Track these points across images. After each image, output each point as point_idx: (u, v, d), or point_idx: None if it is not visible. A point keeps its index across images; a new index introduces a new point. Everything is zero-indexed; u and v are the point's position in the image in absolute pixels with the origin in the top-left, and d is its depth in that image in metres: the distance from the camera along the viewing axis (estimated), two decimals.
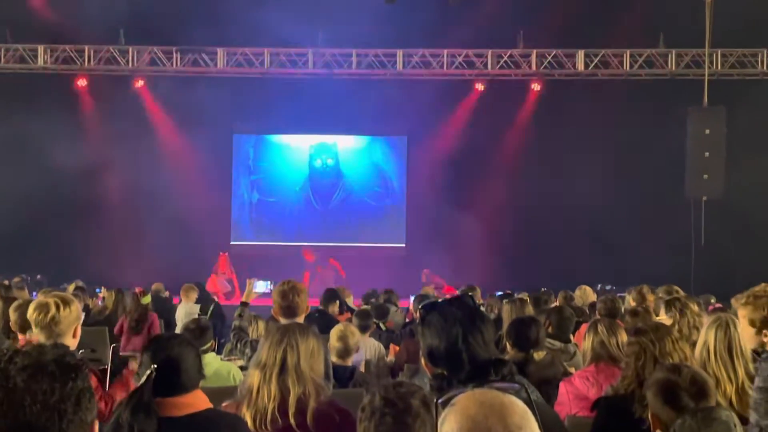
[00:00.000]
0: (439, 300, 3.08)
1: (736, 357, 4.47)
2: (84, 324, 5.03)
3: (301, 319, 5.45)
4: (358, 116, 21.15)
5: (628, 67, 19.56)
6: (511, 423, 1.86)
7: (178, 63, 19.92)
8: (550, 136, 20.05)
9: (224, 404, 3.77)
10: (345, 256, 20.87)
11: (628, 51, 19.50)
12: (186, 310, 12.34)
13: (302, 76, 20.09)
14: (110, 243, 19.96)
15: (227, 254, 20.51)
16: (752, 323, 4.50)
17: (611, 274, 18.42)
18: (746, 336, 4.53)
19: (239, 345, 6.21)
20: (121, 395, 4.25)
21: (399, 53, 19.78)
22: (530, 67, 19.79)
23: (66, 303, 4.57)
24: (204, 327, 6.70)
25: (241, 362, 6.57)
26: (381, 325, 9.54)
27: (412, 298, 10.74)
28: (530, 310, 7.54)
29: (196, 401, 3.47)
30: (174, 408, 3.40)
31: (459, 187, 20.46)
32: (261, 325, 8.60)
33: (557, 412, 4.12)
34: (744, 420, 3.78)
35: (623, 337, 5.23)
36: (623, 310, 8.20)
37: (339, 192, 22.50)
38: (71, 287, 13.07)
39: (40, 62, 19.74)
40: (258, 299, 6.79)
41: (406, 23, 18.28)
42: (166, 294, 14.51)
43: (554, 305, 8.64)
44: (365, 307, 9.94)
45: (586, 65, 19.65)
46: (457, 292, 10.24)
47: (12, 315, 5.70)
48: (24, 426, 1.84)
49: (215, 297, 19.11)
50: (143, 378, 3.25)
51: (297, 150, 22.59)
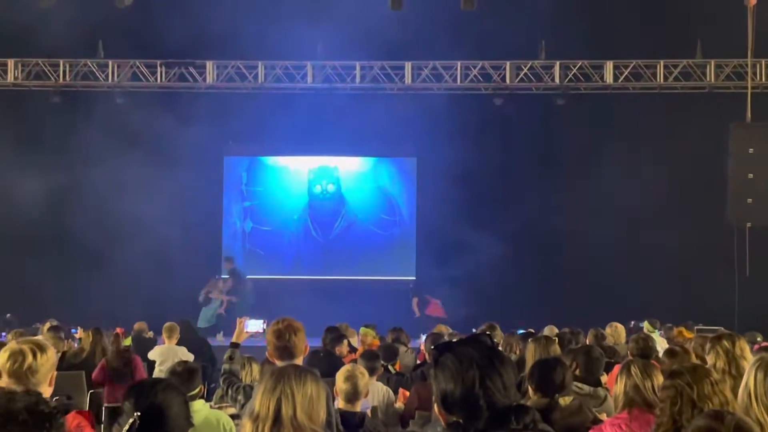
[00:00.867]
0: (454, 339, 3.07)
1: None
2: (58, 368, 5.02)
3: (299, 361, 5.43)
4: (362, 135, 21.17)
5: (662, 80, 19.58)
6: None
7: (163, 78, 20.02)
8: (575, 156, 20.05)
9: None
10: (348, 291, 20.81)
11: (662, 62, 19.54)
12: (164, 352, 12.20)
13: (300, 92, 20.17)
14: (86, 278, 19.91)
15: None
16: None
17: (645, 310, 18.34)
18: None
19: (230, 391, 6.17)
20: None
21: (407, 65, 19.85)
22: (553, 80, 19.84)
23: (42, 349, 4.56)
24: (192, 370, 6.68)
25: (233, 410, 6.54)
26: (390, 368, 9.52)
27: (424, 338, 10.71)
28: (556, 350, 7.52)
29: None
30: None
31: (474, 214, 20.41)
32: (255, 369, 8.60)
33: None
34: None
35: (659, 380, 5.21)
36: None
37: (341, 220, 22.48)
38: (45, 327, 13.06)
39: (10, 78, 19.87)
40: (248, 340, 6.78)
41: (415, 32, 18.34)
42: (150, 334, 14.49)
43: (582, 345, 8.62)
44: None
45: (616, 77, 19.68)
46: (475, 331, 10.22)
47: None
48: None
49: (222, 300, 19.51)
50: (126, 427, 3.25)
51: (295, 173, 22.60)
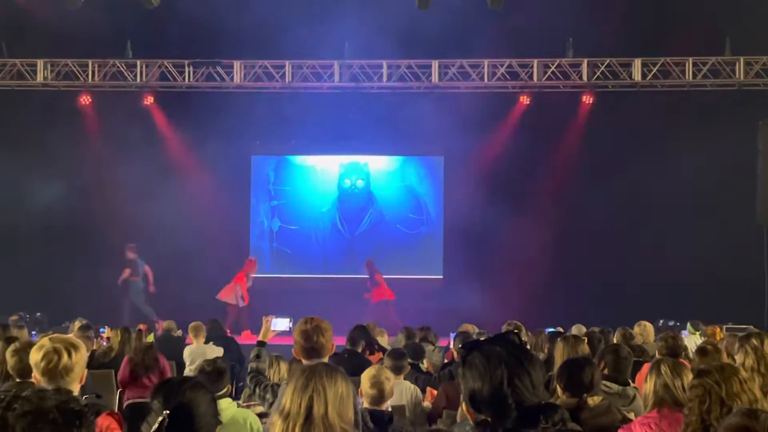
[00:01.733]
0: (482, 338, 3.06)
1: None
2: (88, 367, 5.05)
3: (326, 361, 5.43)
4: (389, 134, 21.17)
5: (691, 77, 19.44)
6: None
7: (191, 77, 20.08)
8: (603, 154, 19.96)
9: None
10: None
11: (691, 59, 19.39)
12: (193, 351, 12.29)
13: (327, 91, 20.17)
14: (114, 277, 20.07)
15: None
16: None
17: (673, 309, 18.26)
18: None
19: (258, 389, 6.18)
20: None
21: (434, 64, 19.81)
22: (581, 78, 19.73)
23: (76, 348, 4.58)
24: (221, 370, 6.72)
25: (261, 408, 6.55)
26: (420, 366, 9.52)
27: (452, 336, 10.69)
28: (585, 349, 7.49)
29: None
30: None
31: (502, 212, 20.32)
32: (283, 367, 8.61)
33: None
34: None
35: (689, 379, 5.18)
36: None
37: (369, 217, 22.50)
38: (75, 325, 13.14)
39: (40, 78, 19.98)
40: (275, 338, 6.78)
41: (442, 30, 18.30)
42: (179, 333, 14.55)
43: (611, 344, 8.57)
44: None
45: (644, 75, 19.56)
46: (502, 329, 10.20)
47: (9, 359, 5.66)
48: None
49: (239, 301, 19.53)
50: (155, 426, 3.25)
51: (322, 172, 22.66)
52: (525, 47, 19.47)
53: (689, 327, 14.10)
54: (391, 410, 6.45)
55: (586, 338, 8.94)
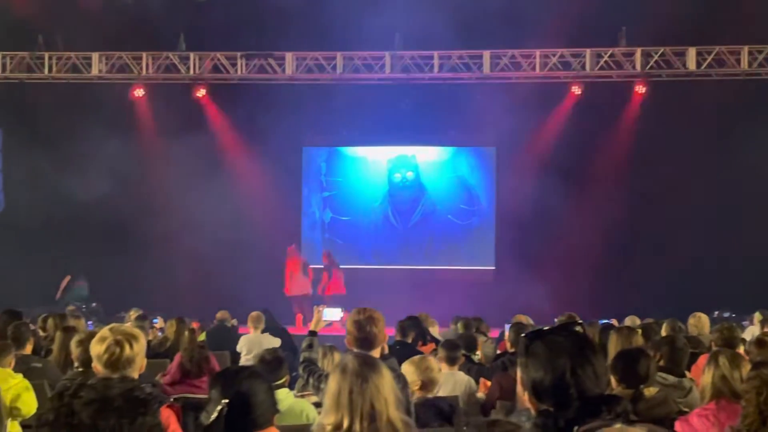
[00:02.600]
0: (545, 328, 3.05)
1: None
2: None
3: (378, 352, 5.43)
4: (441, 125, 21.17)
5: (747, 66, 19.18)
6: None
7: (243, 69, 20.20)
8: (657, 145, 19.77)
9: None
10: (426, 281, 20.84)
11: (746, 47, 19.14)
12: (250, 341, 12.33)
13: (378, 82, 20.18)
14: (166, 267, 20.23)
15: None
16: None
17: (726, 301, 18.05)
18: None
19: (311, 379, 6.19)
20: None
21: (485, 54, 19.73)
22: (634, 67, 19.55)
23: (136, 339, 4.54)
24: (280, 359, 6.76)
25: (315, 398, 6.58)
26: (472, 357, 9.50)
27: (507, 327, 10.64)
28: (639, 341, 7.43)
29: None
30: None
31: (554, 203, 20.19)
32: (337, 357, 8.61)
33: None
34: None
35: (747, 371, 5.12)
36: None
37: (420, 209, 22.49)
38: (132, 315, 13.28)
39: (95, 71, 20.22)
40: (326, 328, 6.81)
41: (494, 20, 18.22)
42: (234, 322, 14.63)
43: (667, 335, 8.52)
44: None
45: (698, 64, 19.34)
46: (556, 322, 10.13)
47: (74, 350, 5.83)
48: None
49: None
50: (214, 414, 3.27)
51: (373, 163, 22.68)
52: (577, 37, 19.34)
53: (757, 315, 13.79)
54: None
55: (641, 330, 8.88)
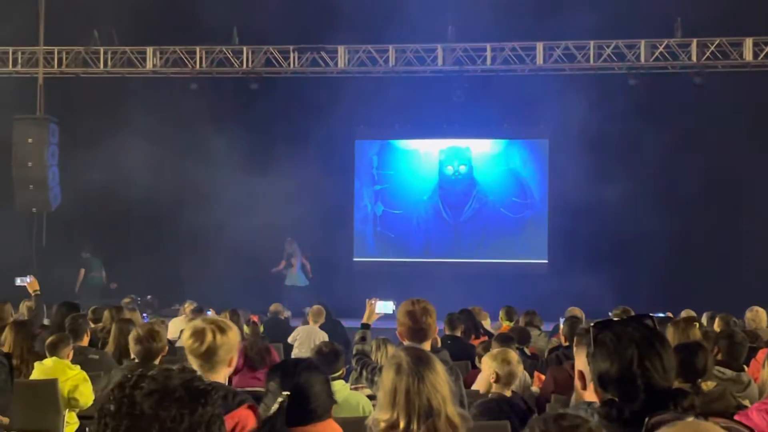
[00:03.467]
0: (615, 319, 3.02)
1: None
2: None
3: (429, 344, 5.39)
4: (493, 118, 21.08)
5: None
6: None
7: (296, 63, 20.27)
8: (714, 136, 19.52)
9: None
10: (478, 274, 20.76)
11: None
12: (303, 334, 12.33)
13: (431, 75, 20.15)
14: (220, 261, 20.33)
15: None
16: None
17: None
18: None
19: (365, 372, 6.18)
20: None
21: (539, 46, 19.61)
22: (690, 58, 19.32)
23: (222, 330, 4.32)
24: (337, 352, 6.77)
25: (369, 391, 6.57)
26: (525, 350, 9.45)
27: (562, 321, 10.56)
28: (696, 334, 7.32)
29: (329, 430, 3.47)
30: None
31: (607, 196, 20.01)
32: (390, 350, 8.59)
33: None
34: None
35: None
36: None
37: (472, 202, 22.40)
38: (187, 308, 13.38)
39: (149, 65, 20.42)
40: (378, 321, 6.78)
41: (547, 12, 18.10)
42: (287, 314, 14.70)
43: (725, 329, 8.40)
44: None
45: (755, 55, 19.06)
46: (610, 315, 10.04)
47: (133, 346, 5.87)
48: None
49: None
50: (274, 407, 3.26)
51: (425, 156, 22.61)
52: (632, 28, 19.16)
53: None
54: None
55: (697, 324, 8.76)
